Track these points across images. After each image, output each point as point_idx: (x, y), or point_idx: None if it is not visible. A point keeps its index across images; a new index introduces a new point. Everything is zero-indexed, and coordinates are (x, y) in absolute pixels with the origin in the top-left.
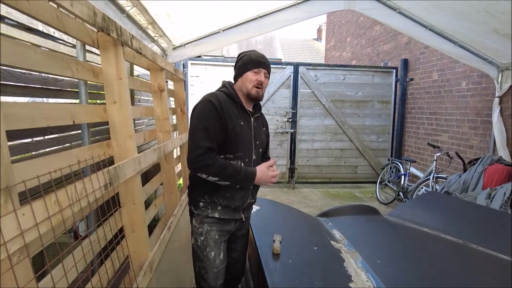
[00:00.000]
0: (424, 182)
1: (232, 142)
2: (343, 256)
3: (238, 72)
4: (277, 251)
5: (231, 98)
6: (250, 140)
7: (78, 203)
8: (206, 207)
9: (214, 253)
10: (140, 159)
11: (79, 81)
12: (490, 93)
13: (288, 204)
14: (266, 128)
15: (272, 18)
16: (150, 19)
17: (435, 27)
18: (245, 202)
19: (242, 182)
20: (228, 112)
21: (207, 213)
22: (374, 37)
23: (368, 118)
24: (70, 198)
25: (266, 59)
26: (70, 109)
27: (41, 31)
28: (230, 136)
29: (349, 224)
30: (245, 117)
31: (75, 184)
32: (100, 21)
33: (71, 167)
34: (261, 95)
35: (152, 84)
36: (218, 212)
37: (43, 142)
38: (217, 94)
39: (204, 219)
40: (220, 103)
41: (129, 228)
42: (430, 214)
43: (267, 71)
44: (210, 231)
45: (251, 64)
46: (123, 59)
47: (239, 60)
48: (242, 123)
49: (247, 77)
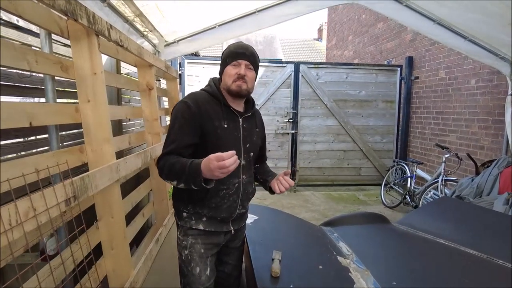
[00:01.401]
0: (432, 185)
1: (214, 145)
2: (352, 276)
3: (220, 69)
4: (276, 273)
5: (215, 97)
6: (237, 143)
7: (25, 225)
8: (190, 218)
9: (200, 268)
10: (119, 166)
11: (44, 76)
12: (502, 91)
13: (290, 208)
14: (261, 129)
15: (271, 13)
16: (137, 11)
17: (444, 21)
18: (233, 213)
19: (189, 178)
20: (207, 113)
21: (190, 225)
22: (376, 35)
23: (371, 118)
24: (8, 222)
25: (247, 48)
26: (27, 108)
27: (0, 18)
28: (211, 139)
29: (357, 235)
30: (231, 117)
31: (15, 203)
32: (62, 3)
33: (25, 177)
34: (245, 89)
35: (140, 82)
36: (203, 224)
37: (5, 147)
38: (197, 94)
39: (188, 231)
40: (197, 104)
41: (107, 244)
42: (445, 222)
43: (249, 62)
44: (194, 244)
45: (229, 58)
46: (98, 51)
47: (222, 54)
48: (226, 125)
49: (227, 72)
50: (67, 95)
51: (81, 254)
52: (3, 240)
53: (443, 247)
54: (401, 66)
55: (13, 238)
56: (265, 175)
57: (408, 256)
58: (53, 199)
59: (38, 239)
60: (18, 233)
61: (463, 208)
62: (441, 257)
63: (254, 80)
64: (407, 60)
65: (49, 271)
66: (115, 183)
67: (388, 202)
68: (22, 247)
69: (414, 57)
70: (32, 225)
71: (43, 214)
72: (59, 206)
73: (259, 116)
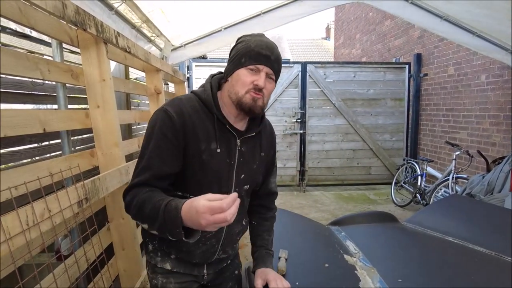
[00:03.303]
0: (443, 183)
1: (194, 173)
2: (358, 274)
3: (229, 67)
4: (282, 271)
5: (207, 107)
6: (226, 174)
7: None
8: (156, 254)
9: None
10: (129, 168)
11: (56, 84)
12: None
13: (299, 208)
14: (268, 152)
15: (276, 14)
16: (144, 17)
17: (451, 17)
18: (209, 258)
19: (164, 227)
20: (194, 128)
21: (156, 261)
22: (384, 33)
23: (380, 117)
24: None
25: (273, 50)
26: (39, 115)
27: (14, 30)
28: (191, 165)
29: (365, 234)
30: (226, 137)
31: (32, 205)
32: (72, 14)
33: (40, 180)
34: (260, 105)
35: (148, 86)
36: (170, 263)
37: (21, 152)
38: (183, 100)
39: (155, 268)
40: (181, 116)
41: (118, 245)
42: (455, 221)
43: (272, 71)
44: (166, 284)
45: (247, 58)
46: (107, 59)
47: (234, 47)
48: (218, 149)
49: (239, 77)
50: (78, 101)
51: (93, 254)
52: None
53: (452, 245)
54: (410, 63)
55: (31, 238)
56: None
57: (415, 255)
58: (66, 201)
59: (53, 239)
60: (35, 233)
61: (473, 206)
62: (450, 255)
63: (271, 93)
64: (416, 57)
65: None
66: (125, 186)
67: (398, 201)
68: (38, 246)
69: (423, 54)
70: (47, 225)
71: (57, 215)
72: (72, 207)
73: (267, 134)
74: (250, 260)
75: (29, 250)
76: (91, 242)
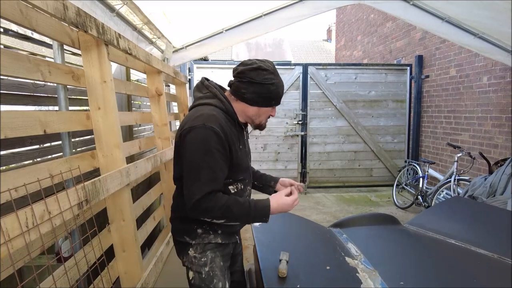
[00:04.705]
0: (445, 185)
1: (234, 167)
2: (360, 277)
3: (258, 100)
4: (283, 274)
5: (230, 116)
6: (246, 163)
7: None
8: (207, 233)
9: (222, 284)
10: (129, 170)
11: (57, 85)
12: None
13: (301, 210)
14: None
15: (278, 16)
16: (145, 19)
17: (453, 19)
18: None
19: (255, 220)
20: (230, 135)
21: (209, 240)
22: (386, 34)
23: (382, 118)
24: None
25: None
26: (40, 117)
27: (16, 32)
28: (231, 163)
29: (366, 236)
30: (242, 135)
31: (32, 207)
32: (73, 16)
33: (40, 182)
34: None
35: (149, 88)
36: (220, 237)
37: (21, 154)
38: (217, 116)
39: (205, 246)
40: (223, 130)
41: (119, 246)
42: (457, 223)
43: None
44: (215, 258)
45: (276, 101)
46: (108, 60)
47: (266, 84)
48: (241, 146)
49: (265, 112)
50: (79, 103)
51: (94, 256)
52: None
53: (454, 248)
54: (411, 65)
55: (30, 240)
56: (263, 180)
57: (417, 257)
58: (67, 203)
59: (53, 241)
60: (35, 234)
61: (475, 208)
62: (452, 258)
63: None
64: (417, 59)
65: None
66: (125, 187)
67: (400, 203)
68: (38, 248)
69: (424, 56)
70: (47, 227)
71: (57, 217)
72: (72, 209)
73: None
74: (251, 262)
75: (29, 252)
76: (92, 244)
